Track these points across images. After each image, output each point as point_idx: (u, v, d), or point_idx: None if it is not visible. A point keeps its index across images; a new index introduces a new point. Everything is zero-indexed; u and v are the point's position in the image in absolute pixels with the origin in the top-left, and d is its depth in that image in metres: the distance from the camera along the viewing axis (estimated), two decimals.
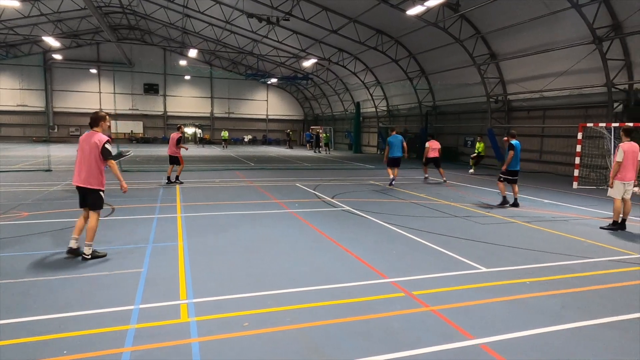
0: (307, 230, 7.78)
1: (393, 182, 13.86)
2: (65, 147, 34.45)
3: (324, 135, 36.75)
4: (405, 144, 14.26)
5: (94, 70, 43.49)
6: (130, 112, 45.59)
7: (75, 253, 5.71)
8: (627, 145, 8.19)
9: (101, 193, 5.81)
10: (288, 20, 25.78)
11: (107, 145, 5.66)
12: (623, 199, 8.18)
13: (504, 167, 10.32)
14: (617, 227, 8.20)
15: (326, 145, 35.63)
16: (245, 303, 4.45)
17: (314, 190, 12.80)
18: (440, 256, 6.27)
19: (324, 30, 26.85)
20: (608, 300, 4.72)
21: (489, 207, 10.47)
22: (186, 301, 4.46)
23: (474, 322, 4.10)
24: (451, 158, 25.64)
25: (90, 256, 5.65)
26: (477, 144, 19.82)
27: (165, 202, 10.28)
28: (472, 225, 8.40)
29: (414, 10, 17.66)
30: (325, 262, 5.91)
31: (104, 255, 5.77)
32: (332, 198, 11.34)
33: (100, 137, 5.68)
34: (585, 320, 4.20)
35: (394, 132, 14.33)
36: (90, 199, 5.75)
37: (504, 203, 10.45)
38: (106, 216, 8.52)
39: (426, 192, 12.84)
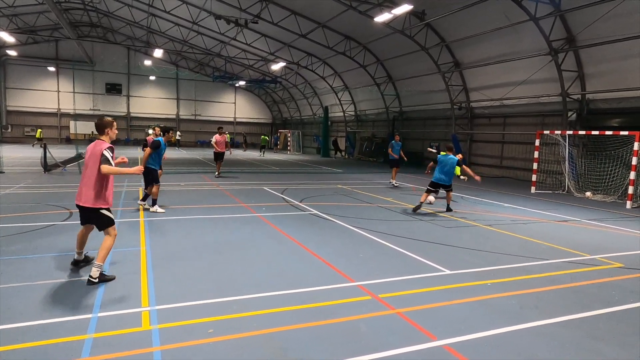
0: (274, 234, 7.72)
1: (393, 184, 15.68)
2: (20, 147, 32.77)
3: (263, 137, 37.38)
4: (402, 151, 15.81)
5: (52, 68, 41.62)
6: (91, 112, 43.83)
7: (78, 263, 5.46)
8: None
9: (104, 211, 5.06)
10: (257, 23, 25.64)
11: (105, 152, 4.93)
12: None
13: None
14: None
15: (262, 147, 35.70)
16: (210, 309, 4.35)
17: (281, 194, 12.74)
18: (406, 259, 6.38)
19: (293, 34, 26.88)
20: (563, 300, 4.94)
21: (454, 210, 10.73)
22: (148, 308, 4.31)
23: (437, 323, 4.19)
24: (417, 163, 26.15)
25: (97, 279, 4.87)
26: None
27: (127, 205, 9.95)
28: (436, 229, 8.59)
29: (381, 18, 17.97)
30: (292, 266, 5.88)
31: (113, 278, 5.05)
32: (300, 202, 11.32)
33: (103, 145, 5.01)
34: (543, 319, 4.37)
35: (397, 138, 15.95)
36: (94, 221, 5.13)
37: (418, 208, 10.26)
38: (63, 220, 8.15)
39: (392, 195, 13.05)
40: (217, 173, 16.60)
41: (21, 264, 5.53)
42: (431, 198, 10.93)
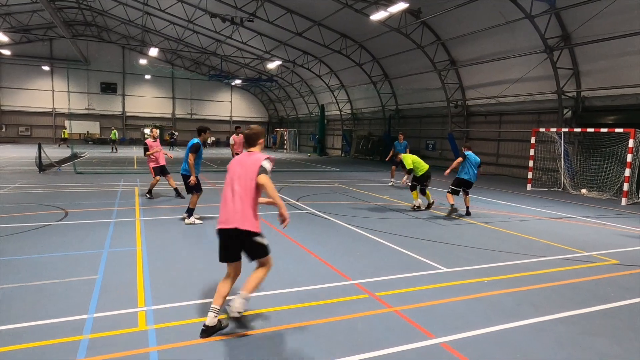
0: (270, 233, 7.70)
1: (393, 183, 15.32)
2: (15, 147, 32.56)
3: None
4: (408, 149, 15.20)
5: (46, 68, 41.35)
6: (86, 111, 43.70)
7: (212, 331, 3.76)
8: None
9: (260, 238, 3.94)
10: (252, 21, 25.57)
11: (265, 163, 3.94)
12: None
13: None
14: None
15: None
16: (207, 309, 4.32)
17: (278, 192, 12.70)
18: (403, 257, 6.38)
19: (289, 33, 26.82)
20: (559, 297, 4.96)
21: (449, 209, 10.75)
22: (144, 308, 4.29)
23: (435, 321, 4.19)
24: None
25: (240, 314, 3.90)
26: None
27: (123, 205, 9.90)
28: (433, 226, 8.60)
29: (377, 16, 17.96)
30: (289, 265, 5.87)
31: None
32: (297, 201, 11.30)
33: (258, 156, 4.03)
34: (539, 316, 4.39)
35: (401, 138, 15.47)
36: (250, 247, 3.93)
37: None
38: (58, 220, 8.11)
39: (389, 194, 13.05)
40: None
41: (16, 265, 5.49)
42: (419, 201, 10.48)
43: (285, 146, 41.88)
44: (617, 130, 13.40)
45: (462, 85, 22.60)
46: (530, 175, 15.79)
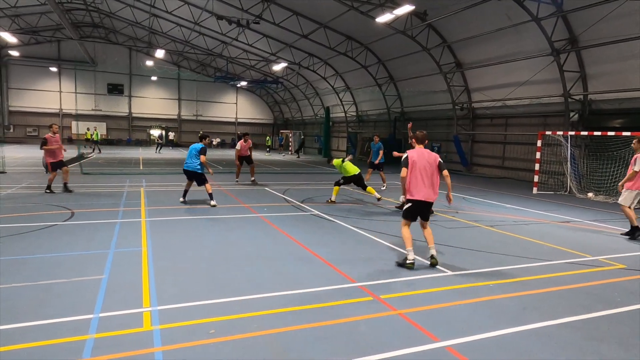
0: (275, 234, 7.72)
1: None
2: (23, 148, 32.80)
3: (267, 137, 42.17)
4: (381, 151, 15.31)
5: (54, 69, 41.72)
6: (92, 112, 43.99)
7: (436, 261, 6.04)
8: None
9: (432, 207, 6.29)
10: (258, 23, 25.65)
11: (441, 159, 6.25)
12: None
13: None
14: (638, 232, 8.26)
15: (267, 146, 40.94)
16: (211, 309, 4.35)
17: (283, 194, 12.73)
18: None
19: (295, 35, 26.89)
20: (565, 301, 4.92)
21: (454, 211, 10.72)
22: (149, 309, 4.31)
23: (439, 324, 4.18)
24: None
25: (436, 260, 6.08)
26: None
27: (129, 206, 9.96)
28: (438, 229, 8.56)
29: (383, 18, 17.96)
30: (294, 267, 5.87)
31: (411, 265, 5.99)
32: (302, 202, 11.31)
33: (434, 154, 6.23)
34: (545, 320, 4.36)
35: (376, 140, 15.55)
36: (428, 211, 6.30)
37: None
38: (65, 220, 8.16)
39: (394, 196, 13.02)
40: (236, 179, 15.35)
41: (22, 264, 5.53)
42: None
43: (290, 148, 41.89)
44: (624, 133, 13.29)
45: (467, 88, 22.53)
46: (536, 178, 15.70)
